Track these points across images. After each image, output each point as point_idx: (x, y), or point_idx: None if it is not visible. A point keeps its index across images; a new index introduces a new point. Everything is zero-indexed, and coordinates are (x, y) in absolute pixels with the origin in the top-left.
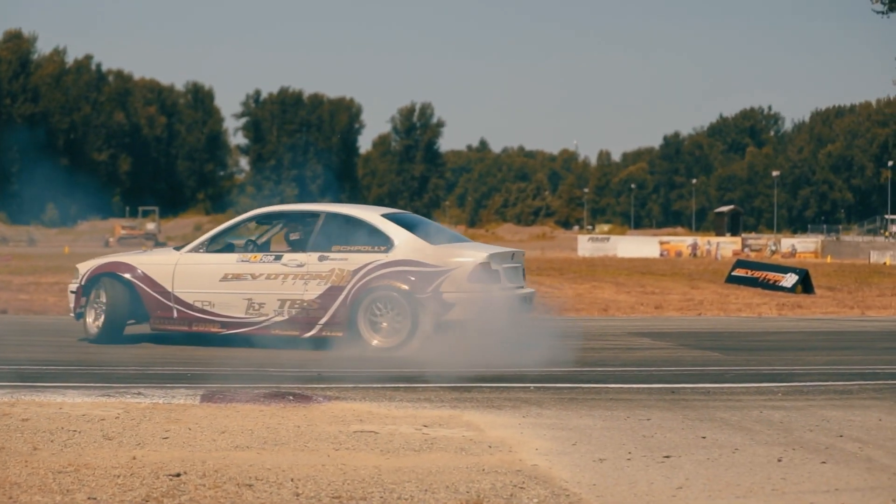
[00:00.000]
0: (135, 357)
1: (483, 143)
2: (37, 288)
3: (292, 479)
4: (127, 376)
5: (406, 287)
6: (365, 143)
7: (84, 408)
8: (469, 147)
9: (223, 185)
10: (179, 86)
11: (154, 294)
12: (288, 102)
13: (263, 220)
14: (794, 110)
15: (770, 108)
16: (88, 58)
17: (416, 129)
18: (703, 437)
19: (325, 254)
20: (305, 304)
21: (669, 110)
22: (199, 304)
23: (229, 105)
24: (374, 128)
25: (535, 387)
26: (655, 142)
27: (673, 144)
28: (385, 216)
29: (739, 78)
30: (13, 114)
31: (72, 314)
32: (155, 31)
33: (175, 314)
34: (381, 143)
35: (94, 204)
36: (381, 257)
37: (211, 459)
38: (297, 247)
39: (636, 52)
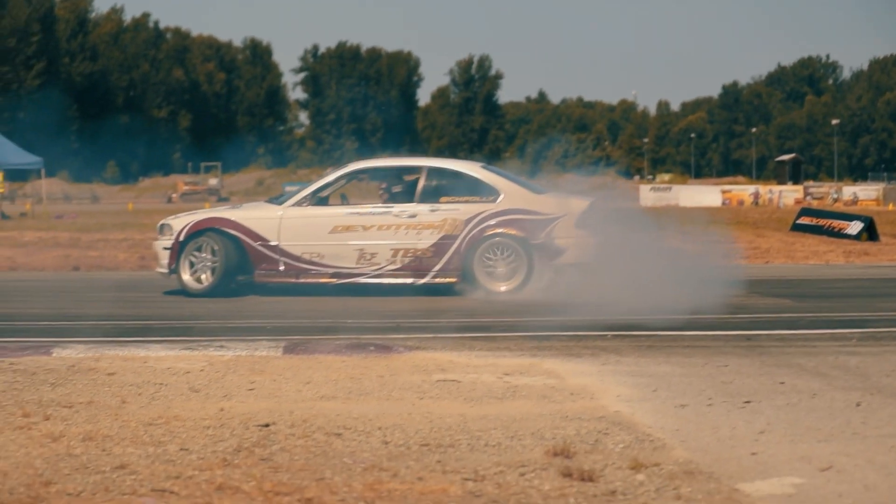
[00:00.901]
0: (213, 311)
1: (542, 95)
2: (106, 244)
3: (380, 428)
4: (208, 329)
5: (521, 233)
6: (424, 96)
7: (168, 361)
8: (528, 98)
9: (283, 140)
10: (237, 42)
11: (259, 248)
12: (346, 56)
13: (362, 173)
14: (852, 59)
15: (828, 56)
16: (146, 16)
17: (475, 81)
18: (782, 383)
19: (436, 205)
20: (419, 252)
21: (728, 59)
22: (307, 256)
23: (288, 60)
24: (432, 80)
25: (612, 335)
26: (714, 91)
27: (732, 94)
28: (484, 168)
29: (797, 26)
30: (72, 73)
31: (162, 270)
32: None
33: (282, 266)
34: (440, 95)
35: (154, 160)
36: (491, 207)
37: (298, 410)
38: (400, 199)
39: (694, 0)
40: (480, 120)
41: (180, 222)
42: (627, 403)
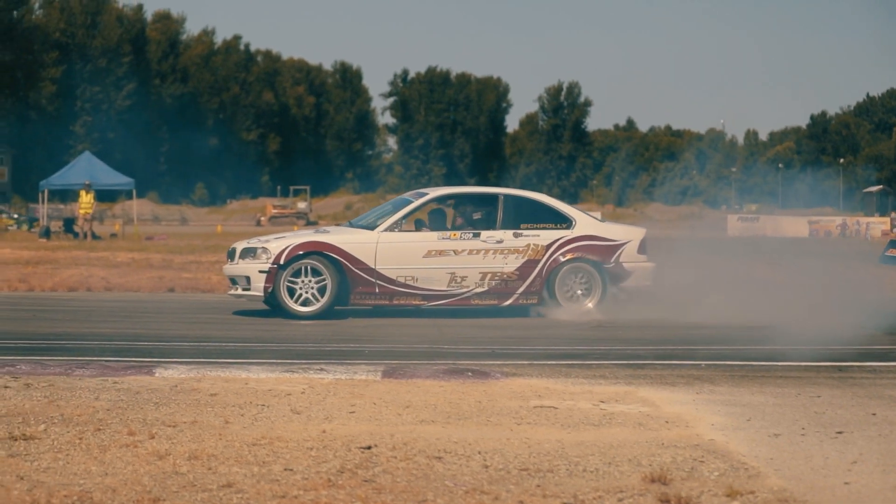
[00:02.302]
0: (310, 334)
1: (630, 123)
2: (198, 266)
3: (479, 452)
4: (306, 353)
5: (596, 258)
6: (512, 123)
7: (269, 383)
8: (616, 126)
9: (371, 165)
10: (327, 65)
11: (358, 271)
12: (435, 82)
13: (444, 200)
14: None
15: None
16: (237, 38)
17: (564, 108)
18: (874, 414)
19: (518, 231)
20: (505, 275)
21: (816, 89)
22: (402, 280)
23: (377, 84)
24: (521, 107)
25: (706, 364)
26: (802, 121)
27: (820, 124)
28: (550, 198)
29: (886, 57)
30: (163, 94)
31: (255, 293)
32: (303, 11)
33: (377, 289)
34: (529, 122)
35: (243, 183)
36: (567, 233)
37: (398, 433)
38: (479, 225)
39: (782, 31)
40: (568, 147)
41: (277, 245)
42: (722, 432)
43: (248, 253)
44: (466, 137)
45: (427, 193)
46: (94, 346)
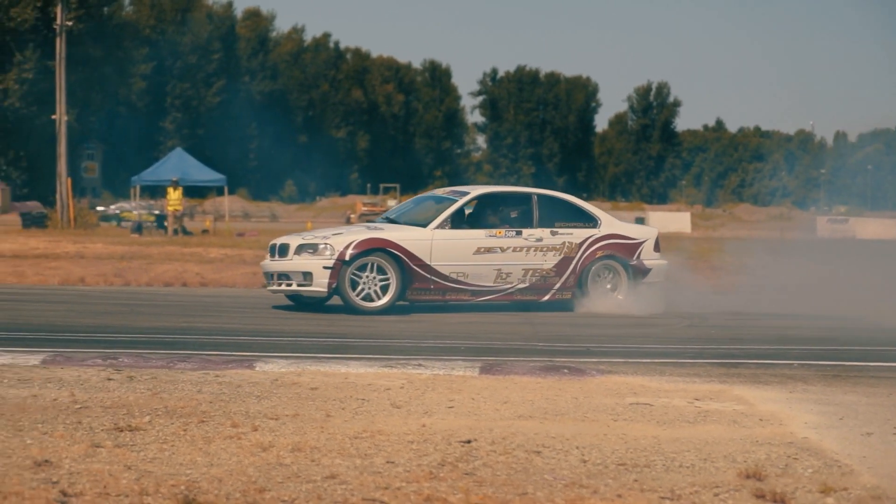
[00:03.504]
0: (406, 331)
1: (719, 123)
2: None
3: (577, 447)
4: (403, 349)
5: (622, 255)
6: (601, 122)
7: (369, 378)
8: (705, 127)
9: (460, 163)
10: (417, 64)
11: (415, 268)
12: (525, 81)
13: (485, 199)
14: None
15: None
16: (326, 36)
17: (653, 108)
18: None
19: (554, 229)
20: (544, 272)
21: None
22: (454, 276)
23: (466, 83)
24: (610, 107)
25: (798, 364)
26: (892, 123)
27: None
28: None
29: None
30: (252, 91)
31: (318, 289)
32: (392, 9)
33: (432, 285)
34: (618, 122)
35: (332, 180)
36: (595, 232)
37: (497, 428)
38: (515, 224)
39: (873, 31)
40: (657, 147)
41: (341, 241)
42: (815, 430)
43: (308, 248)
44: (555, 137)
45: (469, 192)
46: (193, 340)
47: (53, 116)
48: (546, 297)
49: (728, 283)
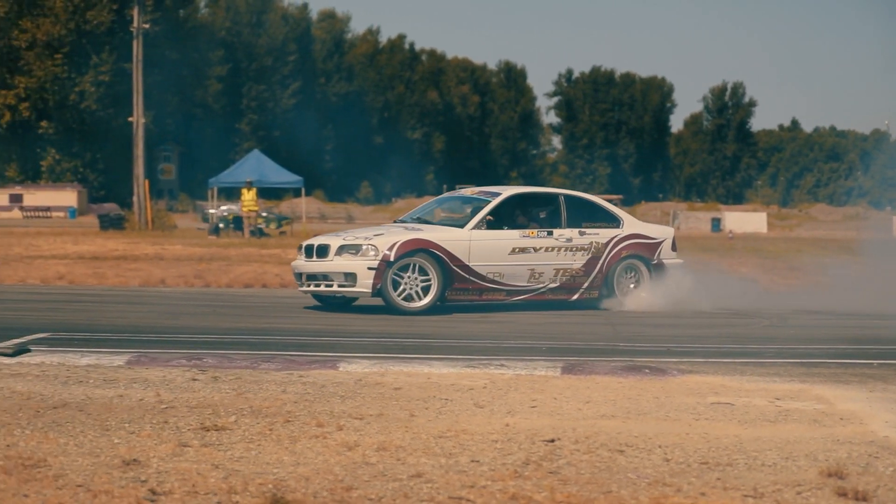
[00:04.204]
0: (486, 331)
1: (794, 123)
2: None
3: (659, 446)
4: (485, 349)
5: (644, 254)
6: (677, 123)
7: (451, 378)
8: (780, 126)
9: (536, 164)
10: (492, 65)
11: (455, 268)
12: (600, 81)
13: (516, 199)
14: None
15: None
16: (401, 37)
17: (728, 108)
18: None
19: (582, 229)
20: (573, 272)
21: None
22: (490, 276)
23: (541, 84)
24: (685, 107)
25: (878, 363)
26: None
27: None
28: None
29: None
30: (328, 92)
31: (359, 288)
32: (467, 11)
33: (470, 286)
34: (693, 122)
35: (408, 182)
36: (619, 232)
37: (580, 427)
38: (546, 224)
39: None
40: (733, 147)
41: (384, 242)
42: (895, 429)
43: (350, 249)
44: (631, 137)
45: (501, 192)
46: (276, 340)
47: (130, 119)
48: (575, 297)
49: (806, 283)
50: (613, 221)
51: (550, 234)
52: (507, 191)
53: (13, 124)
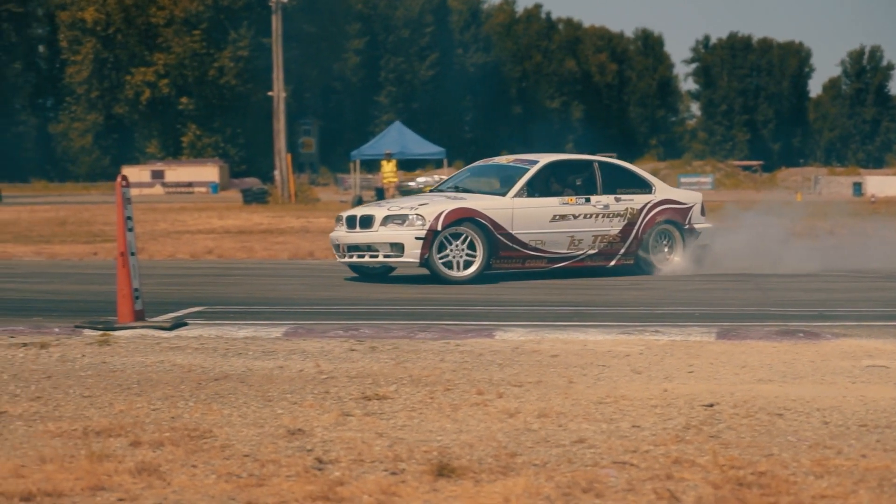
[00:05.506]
0: (639, 298)
1: None
2: None
3: (818, 409)
4: (639, 315)
5: (677, 219)
6: (815, 87)
7: (607, 345)
8: None
9: (675, 131)
10: (629, 32)
11: (500, 236)
12: (737, 47)
13: (554, 166)
14: None
15: None
16: (537, 7)
17: (867, 72)
18: None
19: (618, 196)
20: (610, 238)
21: None
22: (533, 243)
23: (679, 51)
24: (823, 71)
25: None
26: None
27: None
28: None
29: None
30: (465, 63)
31: (407, 258)
32: None
33: (513, 254)
34: (832, 86)
35: (547, 150)
36: (651, 198)
37: (737, 392)
38: (582, 191)
39: None
40: (872, 111)
41: (430, 211)
42: None
43: (395, 219)
44: (769, 103)
45: (538, 160)
46: (430, 310)
47: (270, 93)
48: (612, 263)
49: None
50: (646, 187)
51: (588, 200)
52: (544, 158)
53: (153, 101)
